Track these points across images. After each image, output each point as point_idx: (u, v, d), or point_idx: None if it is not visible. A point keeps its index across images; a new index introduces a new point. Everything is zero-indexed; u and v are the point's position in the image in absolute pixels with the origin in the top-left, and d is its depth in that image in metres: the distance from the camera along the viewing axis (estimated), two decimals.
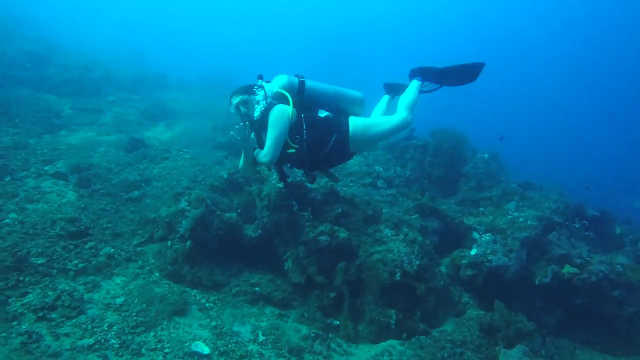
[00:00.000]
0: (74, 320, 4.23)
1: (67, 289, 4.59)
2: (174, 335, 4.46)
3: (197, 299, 5.31)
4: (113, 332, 4.22)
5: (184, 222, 6.00)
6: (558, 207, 7.65)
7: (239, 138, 3.15)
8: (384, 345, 5.44)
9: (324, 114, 3.50)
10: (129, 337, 4.22)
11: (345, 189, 7.43)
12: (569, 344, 5.89)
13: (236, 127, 3.13)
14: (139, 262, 5.61)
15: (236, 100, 3.33)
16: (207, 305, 5.25)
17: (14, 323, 3.94)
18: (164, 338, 4.36)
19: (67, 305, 4.34)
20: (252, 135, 3.26)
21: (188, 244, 5.81)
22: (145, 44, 25.53)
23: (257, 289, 5.79)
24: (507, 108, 35.59)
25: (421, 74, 3.98)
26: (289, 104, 3.26)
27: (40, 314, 4.13)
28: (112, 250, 5.52)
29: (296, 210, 6.26)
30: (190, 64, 24.77)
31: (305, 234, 6.07)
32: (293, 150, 3.27)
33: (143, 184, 7.25)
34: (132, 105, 12.77)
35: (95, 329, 4.19)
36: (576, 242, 6.98)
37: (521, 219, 7.46)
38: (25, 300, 4.25)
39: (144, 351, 4.11)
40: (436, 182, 9.58)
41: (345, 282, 5.91)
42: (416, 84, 3.91)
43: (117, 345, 4.06)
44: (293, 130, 3.29)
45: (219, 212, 6.10)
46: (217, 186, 6.98)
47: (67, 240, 5.41)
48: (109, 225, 6.09)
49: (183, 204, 6.31)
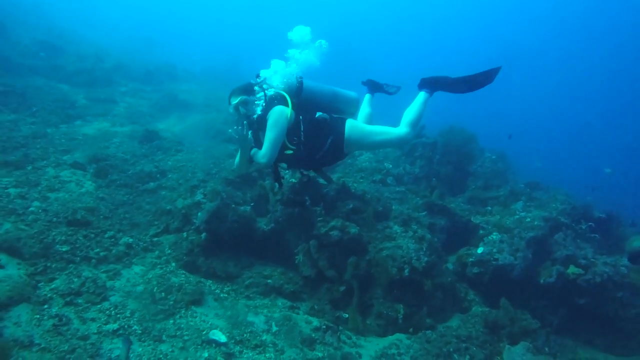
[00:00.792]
0: (98, 306, 4.42)
1: (90, 276, 4.78)
2: (191, 323, 4.63)
3: (212, 289, 5.48)
4: (135, 319, 4.40)
5: (199, 214, 6.17)
6: (565, 208, 7.76)
7: (236, 137, 3.23)
8: (391, 338, 5.60)
9: (320, 115, 3.53)
10: (150, 324, 4.39)
11: (355, 185, 7.58)
12: (571, 342, 6.04)
13: (234, 127, 3.20)
14: (156, 252, 5.78)
15: (235, 100, 3.38)
16: (221, 295, 5.42)
17: (45, 306, 4.13)
18: (182, 326, 4.53)
19: (92, 292, 4.53)
20: (250, 135, 3.34)
21: (203, 235, 5.98)
22: (154, 32, 25.65)
23: (269, 281, 5.95)
24: (515, 106, 35.48)
25: (430, 85, 3.83)
26: (287, 105, 3.31)
27: (68, 299, 4.32)
28: (131, 240, 5.70)
29: (309, 205, 6.42)
30: (198, 53, 24.89)
31: (317, 228, 6.22)
32: (290, 152, 3.34)
33: (158, 175, 7.43)
34: (144, 96, 12.91)
35: (118, 315, 4.37)
36: (582, 243, 7.10)
37: (528, 219, 7.58)
38: (53, 286, 4.44)
39: (164, 338, 4.29)
40: (444, 180, 9.69)
41: (354, 277, 6.06)
42: (423, 97, 3.79)
43: (139, 331, 4.24)
44: (291, 131, 3.35)
45: (233, 205, 6.26)
46: (231, 179, 7.13)
47: (88, 229, 5.59)
48: (126, 215, 6.27)
49: (199, 197, 6.47)
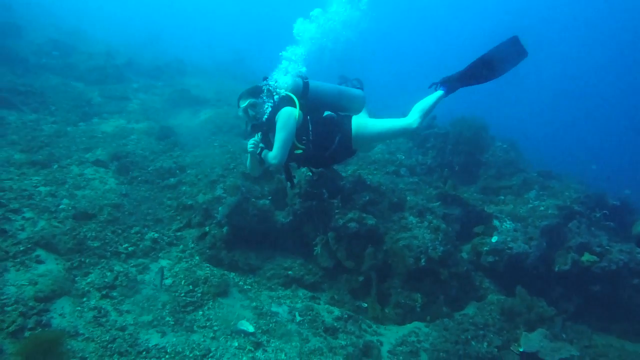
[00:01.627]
0: (131, 299, 4.63)
1: (121, 270, 4.99)
2: (219, 314, 4.83)
3: (236, 281, 5.67)
4: (167, 311, 4.61)
5: (220, 208, 6.34)
6: (579, 197, 7.82)
7: (250, 151, 3.44)
8: (410, 326, 5.77)
9: (328, 114, 3.62)
10: (181, 316, 4.60)
11: (370, 176, 7.69)
12: (586, 329, 6.15)
13: (250, 144, 3.42)
14: (180, 247, 5.97)
15: (244, 104, 3.46)
16: (245, 287, 5.60)
17: (84, 299, 4.35)
18: (211, 317, 4.73)
19: (125, 285, 4.74)
20: (259, 136, 3.49)
21: (225, 229, 6.16)
22: (160, 28, 25.69)
23: (290, 272, 6.13)
24: (527, 93, 35.14)
25: (443, 84, 3.76)
26: (295, 106, 3.39)
27: (104, 292, 4.54)
28: (156, 235, 5.89)
29: (326, 198, 6.55)
30: (204, 48, 24.92)
31: (334, 220, 6.36)
32: (300, 151, 3.43)
33: (178, 171, 7.60)
34: (156, 92, 13.06)
35: (151, 307, 4.58)
36: (596, 231, 7.17)
37: (542, 208, 7.67)
38: (89, 280, 4.66)
39: (195, 328, 4.49)
40: (457, 170, 9.77)
41: (372, 267, 6.22)
42: (438, 94, 3.75)
43: (172, 322, 4.45)
44: (299, 131, 3.44)
45: (253, 199, 6.42)
46: (249, 174, 7.27)
47: (115, 225, 5.79)
48: (149, 211, 6.46)
49: (219, 192, 6.63)
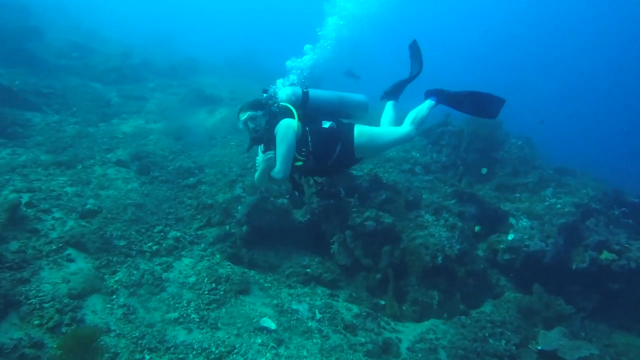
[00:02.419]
0: (157, 297, 4.78)
1: (147, 268, 5.15)
2: (242, 312, 4.95)
3: (256, 279, 5.79)
4: (192, 308, 4.75)
5: (239, 207, 6.47)
6: (596, 194, 7.78)
7: (263, 166, 3.46)
8: (427, 324, 5.84)
9: (327, 124, 3.60)
10: (206, 313, 4.73)
11: (386, 175, 7.75)
12: (605, 327, 6.16)
13: (262, 160, 3.45)
14: (202, 245, 6.12)
15: (244, 116, 3.46)
16: (265, 285, 5.72)
17: (114, 297, 4.51)
18: (234, 314, 4.85)
19: (151, 283, 4.89)
20: (261, 148, 3.53)
21: (244, 228, 6.29)
22: (171, 26, 25.92)
23: (308, 270, 6.23)
24: (539, 90, 34.70)
25: (435, 94, 3.95)
26: (294, 117, 3.41)
27: (131, 290, 4.69)
28: (179, 234, 6.04)
29: (343, 197, 6.64)
30: (215, 46, 25.10)
31: (352, 219, 6.45)
32: (300, 163, 3.43)
33: (196, 171, 7.75)
34: (171, 91, 13.26)
35: (176, 305, 4.73)
36: (615, 228, 7.14)
37: (558, 206, 7.65)
38: (117, 278, 4.82)
39: (220, 325, 4.62)
40: (471, 167, 9.77)
41: (390, 265, 6.29)
42: (429, 104, 3.91)
43: (197, 320, 4.59)
44: (299, 143, 3.44)
45: (271, 199, 6.53)
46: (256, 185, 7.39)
47: (139, 224, 5.96)
48: (171, 210, 6.62)
49: (238, 191, 6.77)
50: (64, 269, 4.58)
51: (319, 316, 5.31)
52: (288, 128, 3.33)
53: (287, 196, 7.10)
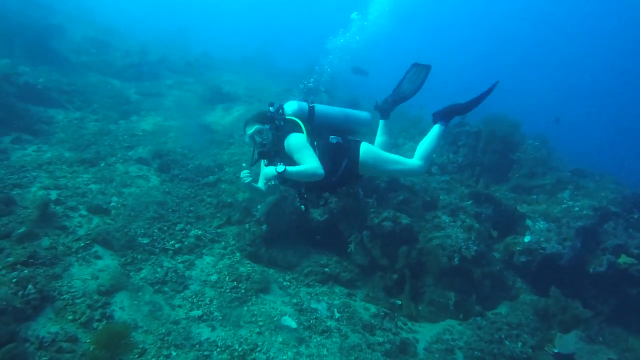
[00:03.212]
0: (181, 294, 4.91)
1: (170, 266, 5.28)
2: (263, 310, 5.05)
3: (275, 277, 5.89)
4: (214, 306, 4.86)
5: (259, 207, 6.57)
6: (616, 197, 7.71)
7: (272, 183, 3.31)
8: (443, 324, 5.89)
9: (335, 139, 3.55)
10: (228, 311, 4.84)
11: None
12: (622, 332, 6.14)
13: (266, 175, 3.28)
14: (222, 243, 6.23)
15: (251, 130, 3.40)
16: (284, 283, 5.82)
17: (139, 293, 4.65)
18: (256, 312, 4.96)
19: (175, 281, 5.02)
20: (264, 163, 3.50)
21: (264, 227, 6.39)
22: (185, 21, 26.06)
23: (326, 269, 6.31)
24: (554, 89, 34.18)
25: (443, 116, 3.83)
26: (302, 131, 3.38)
27: (156, 287, 4.83)
28: (200, 232, 6.16)
29: (362, 197, 6.70)
30: (229, 41, 25.20)
31: (370, 219, 6.50)
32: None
33: (216, 169, 7.87)
34: (189, 88, 13.40)
35: (200, 302, 4.85)
36: (634, 232, 7.09)
37: (576, 208, 7.60)
38: (142, 275, 4.96)
39: (242, 323, 4.73)
40: (488, 168, 9.74)
41: (406, 265, 6.35)
42: (438, 130, 3.77)
43: (220, 317, 4.70)
44: None
45: (290, 198, 6.62)
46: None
47: (161, 222, 6.09)
48: (191, 208, 6.74)
49: None
50: (92, 265, 4.72)
51: (337, 315, 5.39)
52: (300, 138, 3.32)
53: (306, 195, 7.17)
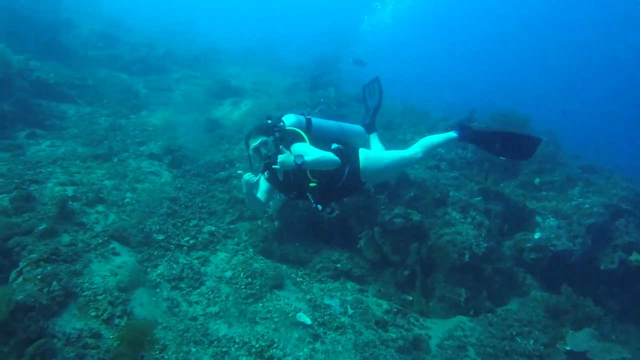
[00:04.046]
0: (198, 290, 4.97)
1: (185, 262, 5.34)
2: (278, 306, 5.11)
3: (288, 273, 5.94)
4: (230, 302, 4.92)
5: (271, 203, 6.60)
6: (627, 195, 7.70)
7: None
8: (454, 320, 5.95)
9: (335, 146, 3.61)
10: (244, 307, 4.90)
11: (413, 172, 7.79)
12: (635, 330, 6.17)
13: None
14: (235, 239, 6.29)
15: (255, 142, 3.37)
16: (297, 279, 5.87)
17: (157, 290, 4.72)
18: (271, 309, 5.01)
19: (191, 277, 5.09)
20: (267, 175, 3.52)
21: (276, 223, 6.43)
22: (189, 14, 25.92)
23: (338, 265, 6.35)
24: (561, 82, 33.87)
25: (462, 129, 3.91)
26: (304, 141, 3.44)
27: (173, 284, 4.89)
28: (213, 228, 6.22)
29: (373, 194, 6.72)
30: (233, 34, 25.09)
31: (381, 216, 6.54)
32: (314, 184, 3.39)
33: (227, 165, 7.90)
34: (196, 82, 13.41)
35: (216, 299, 4.91)
36: None
37: (587, 205, 7.60)
38: (159, 272, 5.02)
39: (258, 319, 4.79)
40: (496, 164, 9.73)
41: (417, 261, 6.39)
42: (450, 135, 3.87)
43: (236, 314, 4.76)
44: None
45: None
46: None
47: (175, 218, 6.14)
48: (203, 204, 6.79)
49: None
50: (110, 262, 4.78)
51: (350, 312, 5.45)
52: (305, 145, 3.38)
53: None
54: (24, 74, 8.27)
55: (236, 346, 4.33)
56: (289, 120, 3.65)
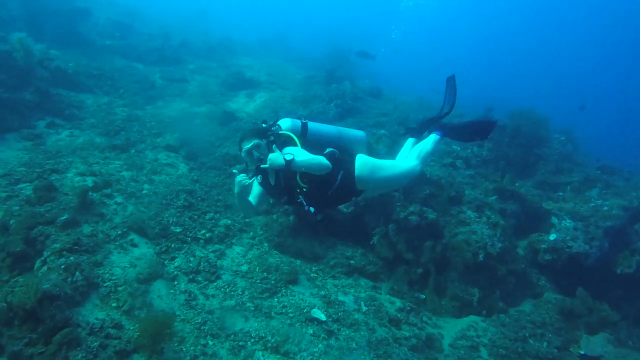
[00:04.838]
0: (214, 284, 5.03)
1: (202, 255, 5.40)
2: (292, 301, 5.15)
3: (303, 269, 5.97)
4: (246, 296, 4.98)
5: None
6: None
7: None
8: (467, 320, 5.94)
9: (328, 150, 3.50)
10: (259, 302, 4.95)
11: (428, 169, 7.74)
12: None
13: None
14: (250, 233, 6.33)
15: (248, 145, 3.33)
16: (312, 275, 5.90)
17: (175, 282, 4.78)
18: (286, 304, 5.06)
19: (207, 271, 5.14)
20: (260, 179, 3.43)
21: (291, 218, 6.46)
22: (203, 4, 25.87)
23: (352, 262, 6.37)
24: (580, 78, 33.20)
25: (440, 128, 3.98)
26: (296, 145, 3.35)
27: (190, 277, 4.95)
28: (229, 221, 6.26)
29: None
30: (247, 24, 25.03)
31: (396, 213, 6.52)
32: (304, 189, 3.30)
33: None
34: (211, 73, 13.43)
35: (232, 293, 4.97)
36: None
37: (605, 207, 7.48)
38: (176, 264, 5.09)
39: (273, 314, 4.84)
40: (512, 162, 9.63)
41: (431, 260, 6.38)
42: (434, 138, 3.89)
43: (252, 308, 4.81)
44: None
45: None
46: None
47: (191, 210, 6.20)
48: (219, 197, 6.83)
49: None
50: (129, 253, 4.86)
51: (364, 309, 5.47)
52: (296, 149, 3.31)
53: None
54: (44, 63, 8.37)
55: (252, 340, 4.39)
56: (285, 124, 3.60)
